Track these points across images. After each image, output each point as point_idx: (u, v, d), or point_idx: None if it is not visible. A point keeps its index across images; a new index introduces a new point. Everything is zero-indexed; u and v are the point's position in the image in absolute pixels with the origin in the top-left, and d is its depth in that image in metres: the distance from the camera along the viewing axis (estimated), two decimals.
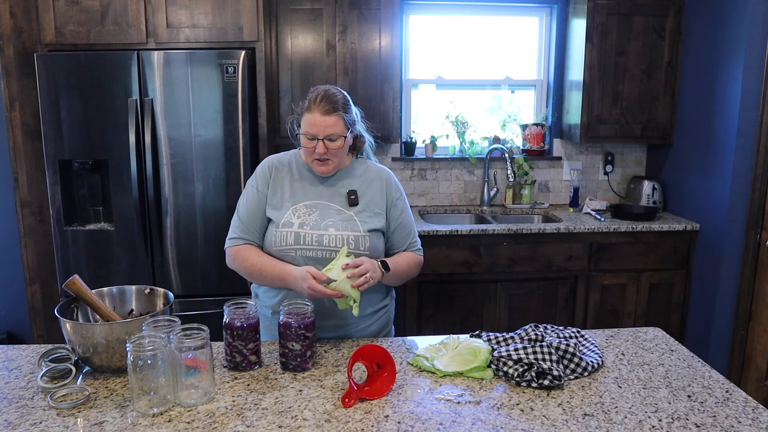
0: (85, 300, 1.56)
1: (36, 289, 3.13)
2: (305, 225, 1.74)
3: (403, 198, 1.89)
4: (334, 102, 1.71)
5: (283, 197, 1.79)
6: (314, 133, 1.70)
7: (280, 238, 1.73)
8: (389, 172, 1.90)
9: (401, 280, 1.86)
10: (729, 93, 3.02)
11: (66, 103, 2.78)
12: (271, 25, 3.18)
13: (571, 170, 3.82)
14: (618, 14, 3.35)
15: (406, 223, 1.87)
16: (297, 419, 1.29)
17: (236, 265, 1.79)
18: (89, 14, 2.83)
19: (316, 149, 1.71)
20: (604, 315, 3.33)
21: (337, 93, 1.74)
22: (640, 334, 1.77)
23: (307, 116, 1.71)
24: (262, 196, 1.80)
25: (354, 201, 1.79)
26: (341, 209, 1.78)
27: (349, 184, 1.82)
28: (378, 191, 1.83)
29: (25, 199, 3.05)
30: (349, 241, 1.73)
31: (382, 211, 1.82)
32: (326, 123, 1.70)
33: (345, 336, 1.79)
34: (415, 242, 1.91)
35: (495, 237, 3.18)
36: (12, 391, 1.41)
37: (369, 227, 1.76)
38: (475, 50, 3.83)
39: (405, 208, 1.88)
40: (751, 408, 1.34)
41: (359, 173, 1.85)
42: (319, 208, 1.77)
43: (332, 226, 1.74)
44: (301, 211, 1.76)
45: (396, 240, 1.86)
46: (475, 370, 1.49)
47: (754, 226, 3.00)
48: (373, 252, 1.77)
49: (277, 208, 1.78)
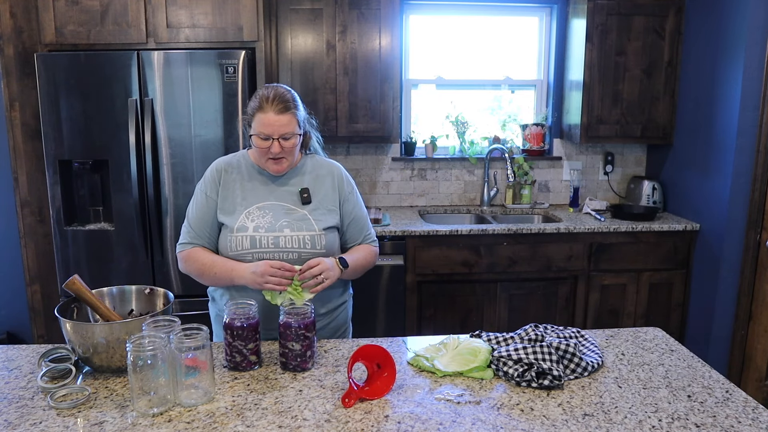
0: (85, 300, 1.56)
1: (36, 289, 3.13)
2: (260, 228, 1.73)
3: (355, 192, 1.89)
4: (286, 101, 1.71)
5: (235, 201, 1.78)
6: (269, 133, 1.69)
7: (235, 243, 1.73)
8: (340, 167, 1.90)
9: (359, 274, 1.86)
10: (729, 93, 3.02)
11: (66, 103, 2.78)
12: (271, 25, 3.18)
13: (571, 170, 3.82)
14: (618, 14, 3.35)
15: (359, 217, 1.88)
16: (297, 419, 1.29)
17: (188, 267, 1.79)
18: (89, 14, 2.83)
19: (270, 149, 1.71)
20: (604, 315, 3.33)
21: (288, 92, 1.74)
22: (640, 334, 1.77)
23: (261, 116, 1.70)
24: (211, 201, 1.79)
25: (307, 199, 1.79)
26: (294, 208, 1.78)
27: (300, 181, 1.82)
28: (330, 187, 1.83)
29: (25, 199, 3.05)
30: (305, 240, 1.73)
31: (336, 208, 1.82)
32: (281, 122, 1.69)
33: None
34: (370, 234, 1.92)
35: (495, 237, 3.18)
36: (12, 391, 1.41)
37: (324, 225, 1.77)
38: (475, 50, 3.83)
39: (357, 201, 1.89)
40: (751, 408, 1.34)
41: (309, 169, 1.85)
42: (272, 209, 1.77)
43: (287, 226, 1.74)
44: (254, 214, 1.76)
45: (351, 234, 1.87)
46: (475, 370, 1.49)
47: (754, 226, 3.00)
48: (330, 250, 1.78)
49: (230, 213, 1.77)
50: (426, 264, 3.16)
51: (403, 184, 3.78)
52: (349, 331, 1.99)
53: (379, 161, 3.74)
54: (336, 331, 1.89)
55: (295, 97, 1.76)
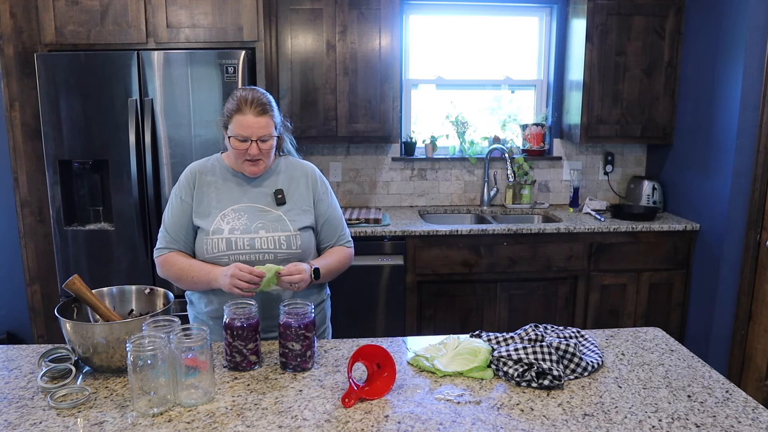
0: (85, 300, 1.56)
1: (36, 289, 3.13)
2: (235, 230, 1.74)
3: (329, 192, 1.90)
4: (264, 103, 1.72)
5: (210, 204, 1.78)
6: (247, 135, 1.70)
7: (211, 245, 1.73)
8: (313, 167, 1.91)
9: (332, 277, 1.87)
10: (729, 93, 3.02)
11: (66, 103, 2.78)
12: (271, 25, 3.18)
13: (571, 170, 3.82)
14: (618, 14, 3.35)
15: (333, 217, 1.88)
16: (297, 419, 1.29)
17: (165, 272, 1.80)
18: (89, 14, 2.83)
19: (248, 151, 1.71)
20: (604, 315, 3.33)
21: (264, 94, 1.76)
22: (640, 334, 1.77)
23: (239, 118, 1.70)
24: (186, 206, 1.79)
25: (281, 200, 1.80)
26: (269, 209, 1.78)
27: (274, 183, 1.82)
28: (304, 188, 1.84)
29: (25, 199, 3.05)
30: (280, 241, 1.74)
31: (310, 208, 1.83)
32: (259, 124, 1.70)
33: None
34: (344, 235, 1.92)
35: (495, 237, 3.18)
36: (12, 391, 1.41)
37: (299, 225, 1.78)
38: (475, 50, 3.83)
39: (332, 202, 1.89)
40: (751, 408, 1.34)
41: (283, 170, 1.85)
42: (247, 211, 1.77)
43: (262, 228, 1.75)
44: (229, 216, 1.76)
45: (325, 234, 1.88)
46: (475, 370, 1.49)
47: (754, 226, 3.00)
48: (306, 250, 1.79)
49: (205, 216, 1.77)
50: (426, 264, 3.16)
51: (403, 184, 3.78)
52: (329, 332, 1.99)
53: (379, 161, 3.74)
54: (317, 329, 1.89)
55: (271, 100, 1.78)
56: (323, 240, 1.89)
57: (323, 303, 1.94)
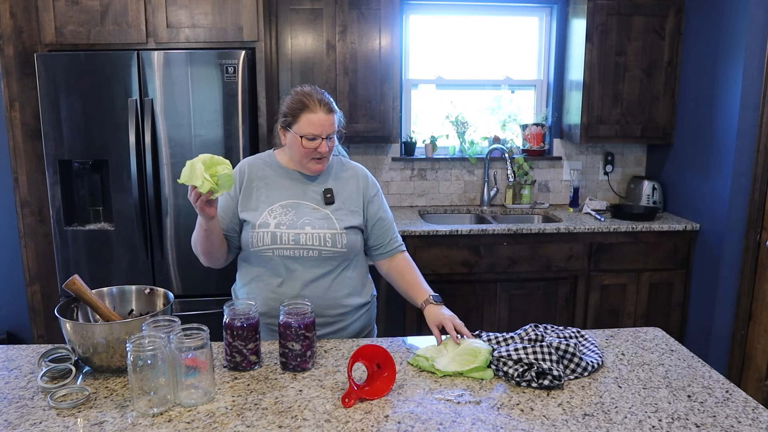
0: (85, 300, 1.56)
1: (36, 289, 3.13)
2: (281, 225, 1.75)
3: (380, 195, 1.91)
4: (330, 101, 1.76)
5: (259, 199, 1.80)
6: (318, 133, 1.71)
7: (256, 239, 1.75)
8: (364, 170, 1.92)
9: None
10: (729, 93, 3.02)
11: (66, 103, 2.78)
12: (271, 25, 3.18)
13: (571, 170, 3.82)
14: (618, 14, 3.35)
15: (384, 219, 1.88)
16: (297, 419, 1.29)
17: (194, 247, 1.79)
18: (89, 14, 2.83)
19: (318, 149, 1.72)
20: (604, 315, 3.33)
21: (326, 93, 1.78)
22: (640, 334, 1.77)
23: (310, 116, 1.71)
24: (231, 200, 1.81)
25: (330, 199, 1.80)
26: (317, 208, 1.79)
27: (324, 182, 1.83)
28: (354, 189, 1.85)
29: (25, 199, 3.05)
30: (326, 238, 1.74)
31: (359, 209, 1.83)
32: (330, 121, 1.73)
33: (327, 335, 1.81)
34: (396, 238, 1.93)
35: (495, 237, 3.18)
36: (12, 391, 1.41)
37: (346, 224, 1.78)
38: (475, 50, 3.83)
39: (382, 204, 1.90)
40: (751, 408, 1.34)
41: (334, 171, 1.87)
42: (295, 207, 1.78)
43: (309, 224, 1.75)
44: (277, 211, 1.77)
45: (375, 237, 1.88)
46: (475, 371, 1.49)
47: (754, 226, 3.00)
48: (351, 250, 1.79)
49: (253, 210, 1.79)
50: (426, 264, 3.15)
51: (403, 184, 3.78)
52: (374, 333, 2.00)
53: (379, 161, 3.74)
54: (362, 330, 1.91)
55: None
56: (374, 242, 1.88)
57: (369, 304, 1.93)
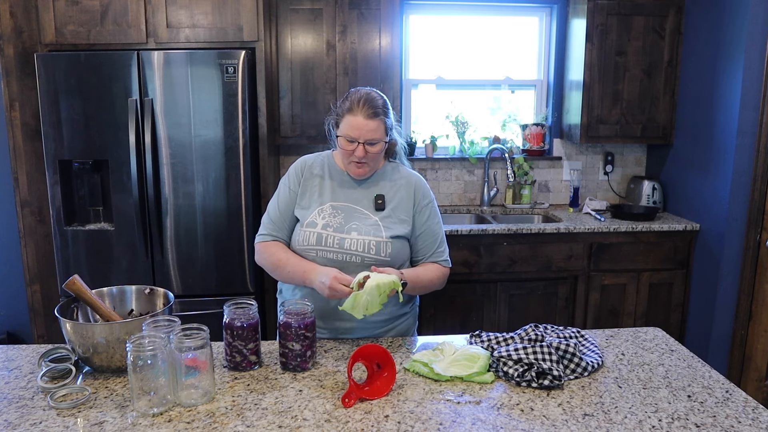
0: (85, 300, 1.56)
1: (36, 289, 3.13)
2: (328, 227, 1.74)
3: (433, 205, 1.86)
4: (376, 106, 1.71)
5: (312, 197, 1.80)
6: (355, 137, 1.70)
7: (302, 237, 1.75)
8: (419, 177, 1.88)
9: (422, 292, 1.84)
10: (729, 93, 3.02)
11: (66, 103, 2.78)
12: (271, 25, 3.18)
13: (571, 170, 3.82)
14: (618, 14, 3.35)
15: (432, 230, 1.84)
16: (297, 419, 1.29)
17: (263, 260, 1.81)
18: (89, 14, 2.83)
19: (354, 153, 1.71)
20: (604, 315, 3.33)
21: (379, 97, 1.75)
22: (640, 334, 1.77)
23: (350, 118, 1.70)
24: (293, 195, 1.82)
25: (381, 206, 1.79)
26: (367, 213, 1.78)
27: (377, 187, 1.82)
28: (405, 197, 1.82)
29: (25, 199, 3.05)
30: (370, 246, 1.73)
31: (408, 218, 1.80)
32: (369, 127, 1.70)
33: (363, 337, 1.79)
34: (442, 251, 1.87)
35: (495, 237, 3.18)
36: (12, 391, 1.41)
37: (392, 233, 1.75)
38: (475, 50, 3.83)
39: (433, 215, 1.85)
40: (751, 408, 1.34)
41: (389, 177, 1.84)
42: (345, 210, 1.77)
43: (355, 229, 1.74)
44: (326, 212, 1.77)
45: (420, 247, 1.84)
46: (474, 375, 1.47)
47: (754, 226, 3.00)
48: (396, 258, 1.76)
49: (305, 208, 1.79)
50: None
51: None
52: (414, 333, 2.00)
53: None
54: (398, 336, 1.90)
55: (386, 103, 1.77)
56: (418, 253, 1.85)
57: (407, 314, 1.91)
